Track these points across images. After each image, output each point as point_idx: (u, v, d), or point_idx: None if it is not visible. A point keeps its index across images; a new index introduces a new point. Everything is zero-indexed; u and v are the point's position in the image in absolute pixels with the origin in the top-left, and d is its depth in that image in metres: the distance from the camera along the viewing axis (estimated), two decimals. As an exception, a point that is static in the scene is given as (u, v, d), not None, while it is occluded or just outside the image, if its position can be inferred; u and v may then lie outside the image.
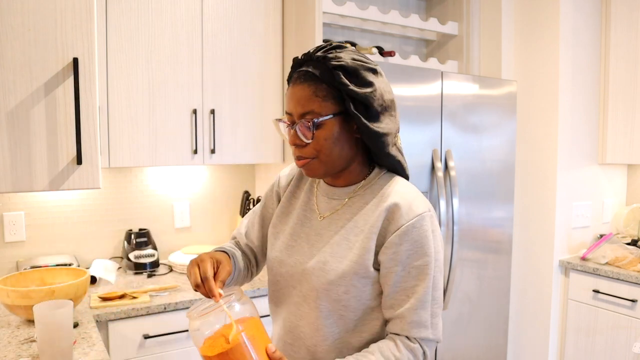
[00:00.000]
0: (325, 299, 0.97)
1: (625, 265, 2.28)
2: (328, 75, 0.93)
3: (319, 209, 1.05)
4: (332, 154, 0.96)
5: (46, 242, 2.09)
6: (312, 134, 0.94)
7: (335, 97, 0.94)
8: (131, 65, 1.92)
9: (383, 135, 0.96)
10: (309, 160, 0.97)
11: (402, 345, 0.94)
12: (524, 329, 2.60)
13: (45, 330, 1.20)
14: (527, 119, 2.55)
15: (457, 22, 2.64)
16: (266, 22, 2.19)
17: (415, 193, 0.99)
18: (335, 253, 0.97)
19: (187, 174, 2.38)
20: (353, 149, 0.99)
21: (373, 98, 0.94)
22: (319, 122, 0.94)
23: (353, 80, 0.93)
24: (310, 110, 0.94)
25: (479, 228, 2.21)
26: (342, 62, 0.93)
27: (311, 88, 0.94)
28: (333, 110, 0.94)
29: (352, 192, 1.02)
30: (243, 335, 0.84)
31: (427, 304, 0.96)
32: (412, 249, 0.94)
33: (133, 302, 1.72)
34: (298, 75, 0.97)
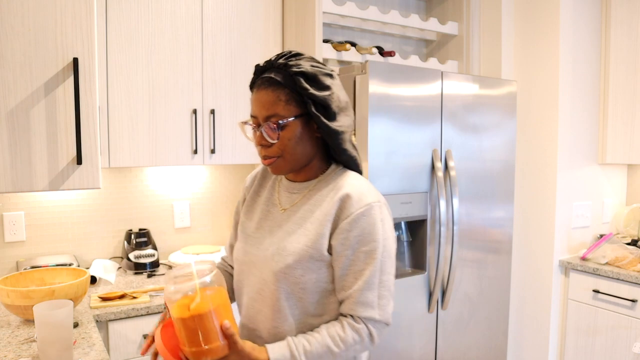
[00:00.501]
0: (284, 281, 1.06)
1: (625, 265, 2.28)
2: (290, 80, 1.03)
3: (281, 203, 1.15)
4: (296, 153, 1.07)
5: (46, 242, 2.09)
6: (278, 135, 1.04)
7: (296, 101, 1.04)
8: (131, 65, 1.92)
9: (341, 132, 1.07)
10: (274, 159, 1.07)
11: (347, 326, 1.04)
12: (524, 329, 2.60)
13: (45, 330, 1.20)
14: (527, 119, 2.55)
15: (457, 22, 2.64)
16: (266, 22, 2.19)
17: (367, 185, 1.10)
18: (293, 240, 1.07)
19: (187, 174, 2.38)
20: (314, 147, 1.10)
21: (331, 100, 1.05)
22: (283, 123, 1.03)
23: (312, 84, 1.04)
24: (274, 113, 1.03)
25: (479, 228, 2.21)
26: (302, 69, 1.03)
27: (275, 93, 1.03)
28: (295, 113, 1.04)
29: (310, 186, 1.13)
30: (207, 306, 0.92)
31: (374, 286, 1.04)
32: (361, 235, 1.04)
33: (133, 302, 1.72)
34: (262, 81, 1.06)
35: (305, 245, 1.05)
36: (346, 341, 1.03)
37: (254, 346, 1.00)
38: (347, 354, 1.04)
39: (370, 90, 1.83)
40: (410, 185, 1.97)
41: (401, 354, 2.00)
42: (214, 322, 0.94)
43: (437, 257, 2.04)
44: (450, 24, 2.61)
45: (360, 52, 2.28)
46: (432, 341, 2.10)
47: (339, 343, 1.02)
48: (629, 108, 2.51)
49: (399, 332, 1.98)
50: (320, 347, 1.01)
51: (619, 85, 2.54)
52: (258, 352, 0.98)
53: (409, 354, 2.02)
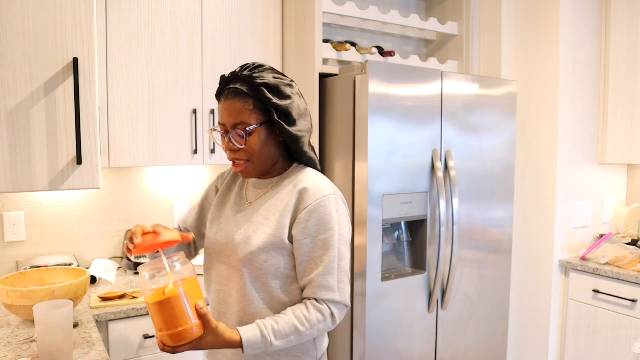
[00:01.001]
0: (249, 267, 1.16)
1: (625, 265, 2.28)
2: (254, 91, 1.13)
3: (248, 197, 1.26)
4: (262, 156, 1.17)
5: (46, 242, 2.09)
6: (245, 141, 1.14)
7: (261, 109, 1.14)
8: (131, 65, 1.92)
9: (301, 137, 1.18)
10: (244, 164, 1.17)
11: (311, 307, 1.13)
12: (524, 329, 2.60)
13: (45, 330, 1.20)
14: (527, 119, 2.55)
15: (457, 22, 2.64)
16: (266, 22, 2.19)
17: (323, 180, 1.20)
18: (257, 229, 1.17)
19: (187, 174, 2.38)
20: (278, 150, 1.20)
21: (292, 108, 1.16)
22: (250, 130, 1.14)
23: (275, 94, 1.14)
24: (241, 121, 1.13)
25: (479, 228, 2.21)
26: (265, 80, 1.13)
27: (241, 102, 1.13)
28: (260, 120, 1.14)
29: (274, 182, 1.23)
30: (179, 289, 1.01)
31: (333, 271, 1.14)
32: (318, 224, 1.13)
33: (133, 302, 1.72)
34: (229, 91, 1.15)
35: (268, 234, 1.15)
36: (311, 320, 1.12)
37: (227, 327, 1.07)
38: (312, 332, 1.13)
39: (370, 90, 1.83)
40: (410, 185, 1.97)
41: (401, 354, 2.00)
42: (186, 304, 1.01)
43: (437, 257, 2.04)
44: (450, 24, 2.61)
45: (360, 52, 2.28)
46: (432, 341, 2.10)
47: (305, 322, 1.11)
48: (629, 108, 2.51)
49: (399, 332, 1.98)
50: (288, 326, 1.10)
51: (619, 85, 2.54)
52: (230, 333, 1.06)
53: (409, 354, 2.02)
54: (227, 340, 1.06)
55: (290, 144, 1.18)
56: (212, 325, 1.04)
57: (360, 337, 1.91)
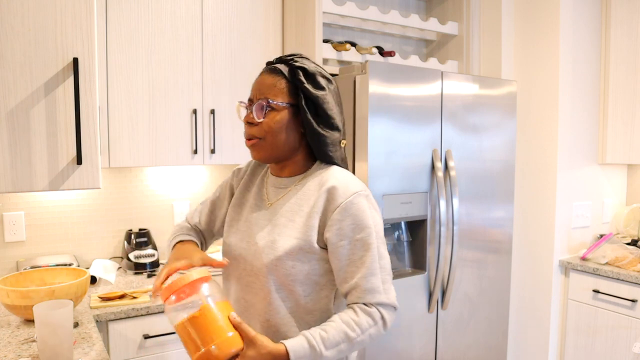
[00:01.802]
0: (275, 273, 1.07)
1: (625, 265, 2.28)
2: (290, 72, 1.09)
3: (269, 198, 1.17)
4: (278, 139, 1.09)
5: (46, 242, 2.09)
6: (264, 114, 1.08)
7: (291, 92, 1.09)
8: (131, 65, 1.92)
9: (324, 135, 1.10)
10: (257, 141, 1.09)
11: (360, 311, 1.04)
12: (524, 329, 2.60)
13: (45, 330, 1.20)
14: (527, 119, 2.55)
15: (457, 22, 2.64)
16: (266, 22, 2.19)
17: (351, 176, 1.12)
18: (282, 232, 1.08)
19: (187, 174, 2.38)
20: (297, 141, 1.12)
21: (322, 101, 1.09)
22: (272, 104, 1.07)
23: (309, 81, 1.09)
24: (267, 95, 1.08)
25: (479, 228, 2.21)
26: (304, 65, 1.10)
27: (274, 79, 1.09)
28: (287, 101, 1.08)
29: (296, 181, 1.15)
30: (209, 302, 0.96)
31: (376, 272, 1.06)
32: (353, 223, 1.05)
33: (133, 302, 1.72)
34: (266, 68, 1.12)
35: (295, 237, 1.06)
36: (361, 325, 1.02)
37: (268, 339, 0.98)
38: (364, 338, 1.03)
39: (370, 90, 1.83)
40: (410, 185, 1.97)
41: (401, 354, 2.00)
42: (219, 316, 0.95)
43: (437, 257, 2.04)
44: (450, 24, 2.61)
45: (360, 52, 2.28)
46: (432, 341, 2.10)
47: (355, 327, 1.02)
48: (629, 108, 2.51)
49: (399, 332, 1.98)
50: (337, 333, 1.00)
51: (619, 85, 2.54)
52: (274, 345, 0.96)
53: (409, 354, 2.02)
54: (272, 352, 0.95)
55: (310, 138, 1.10)
56: (250, 335, 0.95)
57: (360, 337, 1.90)
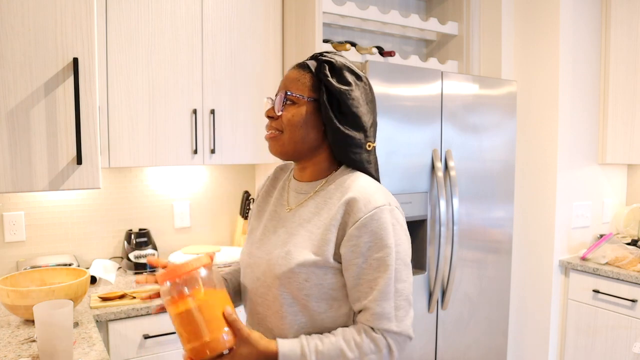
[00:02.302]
0: (287, 286, 1.00)
1: (625, 265, 2.28)
2: (316, 66, 1.05)
3: (289, 203, 1.11)
4: (296, 134, 1.03)
5: (46, 242, 2.09)
6: (283, 107, 1.04)
7: (315, 86, 1.04)
8: (131, 65, 1.92)
9: (344, 135, 1.02)
10: (275, 134, 1.05)
11: (364, 333, 0.97)
12: (524, 329, 2.60)
13: (45, 330, 1.20)
14: (527, 119, 2.55)
15: (457, 22, 2.64)
16: (266, 22, 2.19)
17: (376, 188, 1.02)
18: (298, 243, 1.01)
19: (187, 174, 2.38)
20: (318, 139, 1.05)
21: (347, 97, 1.02)
22: (292, 96, 1.03)
23: (335, 75, 1.03)
24: (290, 89, 1.05)
25: (479, 228, 2.21)
26: (332, 59, 1.05)
27: (299, 73, 1.06)
28: (309, 95, 1.04)
29: (317, 187, 1.08)
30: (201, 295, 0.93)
31: (389, 296, 0.97)
32: (371, 241, 0.96)
33: (133, 302, 1.72)
34: (296, 64, 1.09)
35: (310, 250, 0.99)
36: (362, 348, 0.95)
37: (262, 336, 0.95)
38: None
39: (370, 90, 1.83)
40: (410, 185, 1.97)
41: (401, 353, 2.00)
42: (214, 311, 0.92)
43: (437, 257, 2.04)
44: (450, 24, 2.61)
45: (360, 52, 2.28)
46: (432, 341, 2.10)
47: (354, 348, 0.95)
48: (629, 108, 2.51)
49: (399, 332, 1.98)
50: (334, 349, 0.95)
51: (619, 85, 2.54)
52: (267, 342, 0.94)
53: (409, 354, 2.02)
54: (263, 351, 0.92)
55: (332, 138, 1.03)
56: (244, 333, 0.92)
57: (360, 337, 1.90)
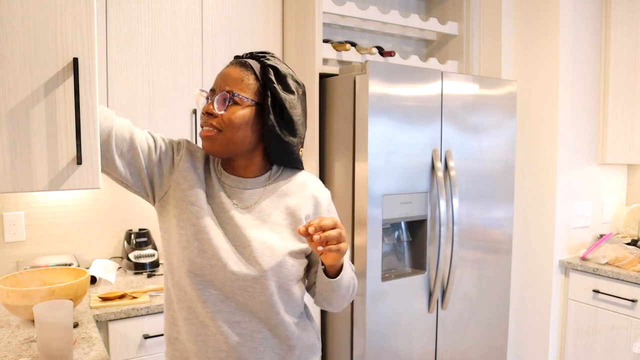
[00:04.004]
0: (277, 275, 1.05)
1: (625, 265, 2.28)
2: (261, 70, 1.06)
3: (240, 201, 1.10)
4: (236, 135, 1.04)
5: (46, 242, 2.09)
6: (226, 107, 1.03)
7: (258, 90, 1.05)
8: (131, 65, 1.92)
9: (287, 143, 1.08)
10: (214, 132, 1.04)
11: None
12: (524, 329, 2.60)
13: (45, 330, 1.20)
14: (527, 119, 2.55)
15: (457, 22, 2.64)
16: (266, 22, 2.19)
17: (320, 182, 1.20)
18: (277, 234, 1.07)
19: (187, 174, 2.38)
20: (255, 142, 1.08)
21: (290, 105, 1.06)
22: (237, 97, 1.03)
23: (280, 82, 1.06)
24: (232, 88, 1.04)
25: (479, 228, 2.21)
26: (277, 65, 1.06)
27: (242, 73, 1.05)
28: (252, 98, 1.05)
29: (265, 181, 1.13)
30: None
31: None
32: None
33: (133, 302, 1.72)
34: (235, 60, 1.08)
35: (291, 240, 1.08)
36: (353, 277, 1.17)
37: None
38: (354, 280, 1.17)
39: (370, 90, 1.83)
40: (410, 185, 1.97)
41: (401, 354, 2.00)
42: None
43: (437, 257, 2.04)
44: (450, 24, 2.61)
45: (360, 52, 2.28)
46: (432, 341, 2.10)
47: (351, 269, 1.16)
48: (629, 108, 2.51)
49: (399, 332, 1.98)
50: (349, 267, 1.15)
51: (619, 85, 2.54)
52: None
53: (409, 354, 2.02)
54: None
55: (269, 141, 1.07)
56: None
57: (360, 337, 1.91)
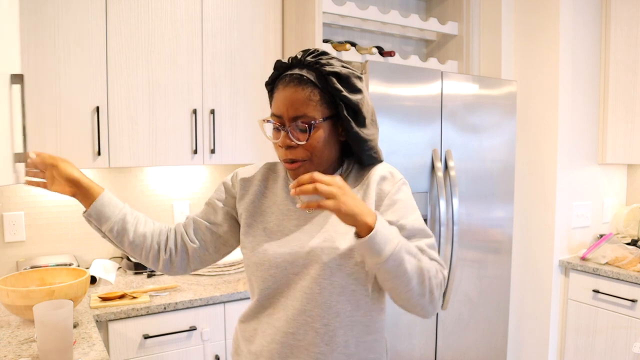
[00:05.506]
0: (338, 274, 0.99)
1: (625, 265, 2.28)
2: (322, 80, 0.99)
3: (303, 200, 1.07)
4: (323, 156, 1.02)
5: (46, 242, 2.09)
6: (307, 137, 0.98)
7: (328, 102, 1.00)
8: (131, 65, 1.92)
9: (369, 140, 1.04)
10: (300, 163, 1.01)
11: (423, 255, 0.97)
12: (524, 329, 2.60)
13: (45, 330, 1.20)
14: (527, 119, 2.55)
15: (457, 22, 2.64)
16: (266, 22, 2.19)
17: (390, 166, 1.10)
18: (338, 230, 1.01)
19: (187, 174, 2.38)
20: (338, 150, 1.07)
21: (362, 104, 1.01)
22: (315, 124, 0.98)
23: (345, 86, 0.99)
24: (304, 113, 0.98)
25: (479, 228, 2.21)
26: (335, 69, 0.99)
27: (306, 92, 0.98)
28: (325, 114, 1.00)
29: None
30: None
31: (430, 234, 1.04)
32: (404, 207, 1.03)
33: (133, 302, 1.72)
34: (290, 78, 1.00)
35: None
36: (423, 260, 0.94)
37: None
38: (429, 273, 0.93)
39: (370, 90, 1.83)
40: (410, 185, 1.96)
41: (401, 354, 2.00)
42: None
43: (437, 257, 2.04)
44: (450, 24, 2.61)
45: (360, 52, 2.28)
46: (432, 341, 2.10)
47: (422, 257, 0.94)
48: (629, 108, 2.51)
49: (399, 332, 1.98)
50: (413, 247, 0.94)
51: (619, 85, 2.54)
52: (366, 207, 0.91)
53: (409, 354, 2.02)
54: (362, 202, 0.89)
55: (355, 145, 1.03)
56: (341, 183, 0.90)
57: (360, 337, 1.91)
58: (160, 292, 1.83)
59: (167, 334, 1.75)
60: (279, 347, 1.03)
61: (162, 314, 1.73)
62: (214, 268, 2.07)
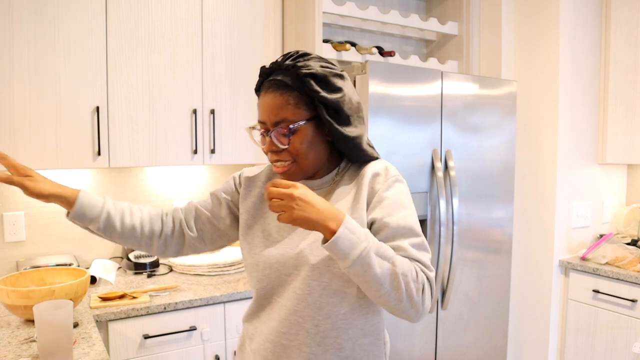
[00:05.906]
0: (327, 275, 1.00)
1: (625, 265, 2.28)
2: (299, 83, 0.98)
3: None
4: (309, 157, 1.02)
5: (46, 242, 2.09)
6: (288, 140, 0.99)
7: (307, 104, 1.00)
8: (131, 65, 1.92)
9: (354, 137, 1.03)
10: (288, 166, 1.02)
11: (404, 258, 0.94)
12: (524, 329, 2.60)
13: (45, 330, 1.20)
14: (527, 119, 2.55)
15: (457, 22, 2.64)
16: (266, 22, 2.19)
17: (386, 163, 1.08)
18: None
19: (187, 174, 2.38)
20: (326, 150, 1.06)
21: (343, 102, 1.00)
22: (294, 128, 0.99)
23: (323, 86, 0.99)
24: (283, 118, 0.99)
25: (479, 228, 2.21)
26: (312, 70, 0.98)
27: (283, 96, 0.99)
28: (305, 117, 1.00)
29: (330, 181, 1.09)
30: None
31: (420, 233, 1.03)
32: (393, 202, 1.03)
33: (133, 302, 1.72)
34: (269, 84, 1.01)
35: None
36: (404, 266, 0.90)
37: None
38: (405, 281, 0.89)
39: (370, 90, 1.83)
40: (410, 185, 1.97)
41: (401, 354, 2.00)
42: None
43: (437, 257, 2.04)
44: (450, 24, 2.61)
45: (360, 52, 2.28)
46: (432, 341, 2.10)
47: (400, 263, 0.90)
48: (629, 108, 2.51)
49: (399, 332, 1.98)
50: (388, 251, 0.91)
51: (619, 85, 2.54)
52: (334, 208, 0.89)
53: (409, 354, 2.02)
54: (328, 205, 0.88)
55: (342, 145, 1.03)
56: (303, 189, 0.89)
57: (360, 337, 1.91)
58: (160, 292, 1.83)
59: (167, 334, 1.75)
60: (273, 346, 1.06)
61: (162, 314, 1.74)
62: (214, 268, 2.07)
